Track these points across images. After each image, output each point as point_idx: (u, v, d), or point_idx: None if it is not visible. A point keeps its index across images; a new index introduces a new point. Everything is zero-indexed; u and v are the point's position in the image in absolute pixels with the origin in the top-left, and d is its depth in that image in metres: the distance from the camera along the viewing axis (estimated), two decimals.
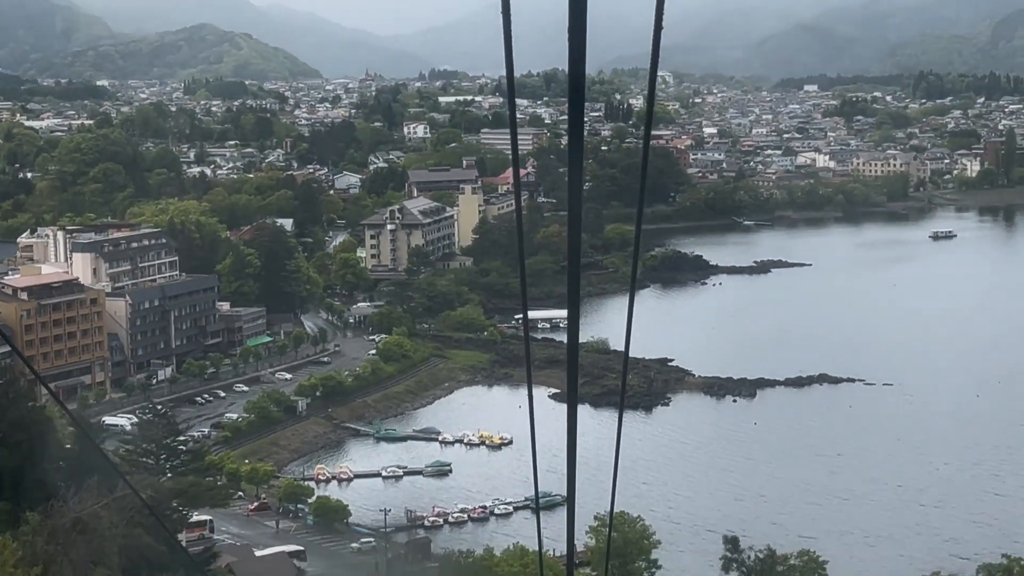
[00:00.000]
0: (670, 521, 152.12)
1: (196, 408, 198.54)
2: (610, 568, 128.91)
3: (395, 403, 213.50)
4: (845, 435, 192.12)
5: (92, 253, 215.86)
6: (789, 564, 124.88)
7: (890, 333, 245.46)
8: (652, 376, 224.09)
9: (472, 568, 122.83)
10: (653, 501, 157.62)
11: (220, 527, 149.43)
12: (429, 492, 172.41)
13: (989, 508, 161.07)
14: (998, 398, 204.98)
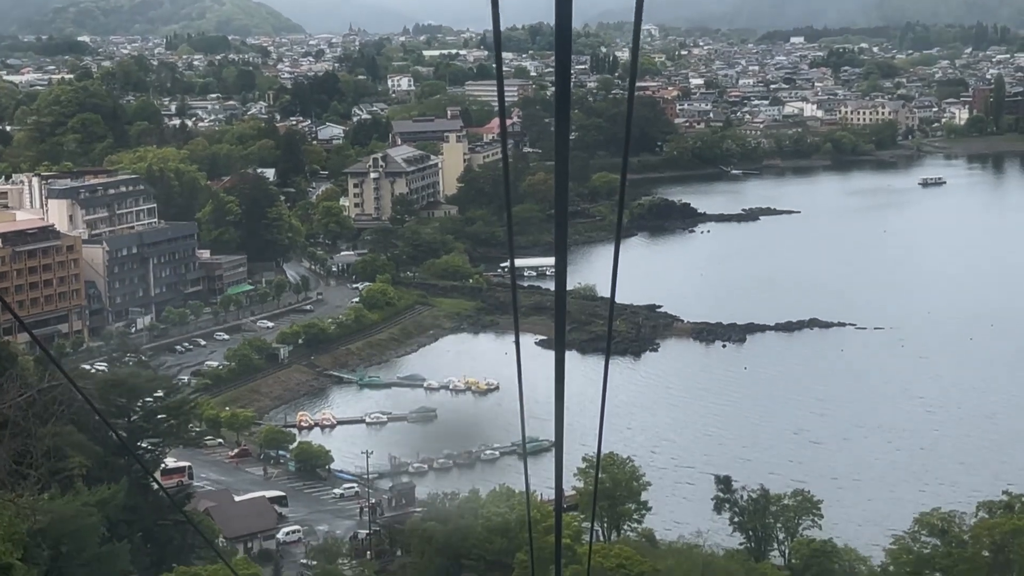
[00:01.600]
0: (660, 464, 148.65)
1: (176, 356, 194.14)
2: (600, 510, 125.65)
3: (379, 351, 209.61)
4: (836, 379, 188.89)
5: (68, 200, 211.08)
6: (783, 504, 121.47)
7: (881, 278, 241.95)
8: (640, 322, 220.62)
9: (457, 511, 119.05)
10: (642, 445, 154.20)
11: (200, 473, 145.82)
12: (414, 438, 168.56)
13: (982, 451, 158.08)
14: (991, 341, 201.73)
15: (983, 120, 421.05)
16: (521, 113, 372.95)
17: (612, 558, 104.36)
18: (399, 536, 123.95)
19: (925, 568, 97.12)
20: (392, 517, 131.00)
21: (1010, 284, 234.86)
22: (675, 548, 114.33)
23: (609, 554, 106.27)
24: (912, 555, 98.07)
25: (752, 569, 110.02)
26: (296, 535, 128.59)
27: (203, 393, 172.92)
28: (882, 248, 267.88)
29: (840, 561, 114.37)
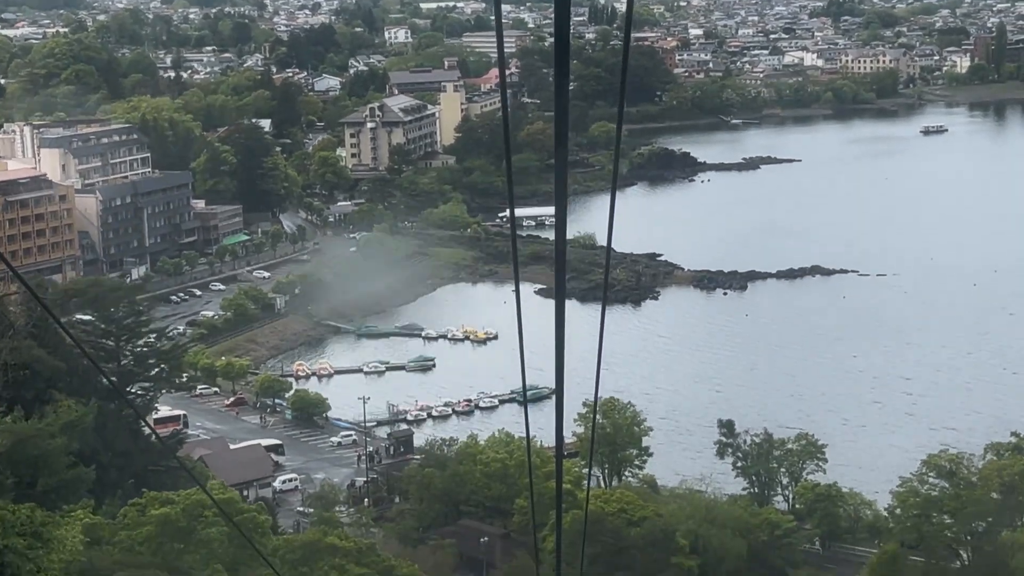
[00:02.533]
0: (660, 412, 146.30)
1: (171, 307, 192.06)
2: (601, 457, 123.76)
3: (376, 300, 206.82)
4: (839, 326, 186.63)
5: (60, 149, 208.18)
6: (786, 449, 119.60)
7: (883, 225, 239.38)
8: (640, 270, 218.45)
9: (456, 457, 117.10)
10: (643, 392, 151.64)
11: (195, 422, 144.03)
12: (412, 387, 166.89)
13: (987, 396, 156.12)
14: (995, 287, 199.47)
15: (984, 68, 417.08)
16: (519, 64, 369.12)
17: (613, 503, 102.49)
18: (397, 483, 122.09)
19: (933, 510, 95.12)
20: (390, 464, 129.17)
21: (1013, 231, 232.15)
22: (677, 493, 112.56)
23: (610, 499, 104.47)
24: (920, 497, 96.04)
25: (756, 514, 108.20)
26: (293, 483, 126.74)
27: (199, 343, 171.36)
28: (884, 196, 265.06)
29: (845, 505, 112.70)
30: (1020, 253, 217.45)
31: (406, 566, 75.90)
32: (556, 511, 17.03)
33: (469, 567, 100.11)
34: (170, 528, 71.65)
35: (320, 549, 74.06)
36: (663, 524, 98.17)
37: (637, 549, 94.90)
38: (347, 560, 73.25)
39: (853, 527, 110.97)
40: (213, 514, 70.55)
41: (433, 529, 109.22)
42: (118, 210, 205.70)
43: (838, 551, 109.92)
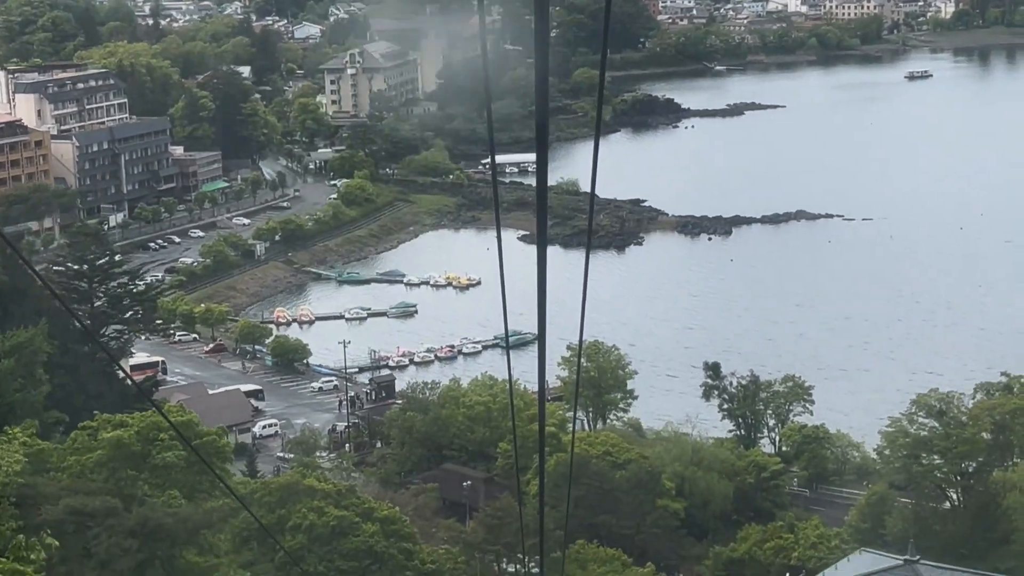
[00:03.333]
0: (645, 357, 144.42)
1: (150, 254, 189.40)
2: (585, 400, 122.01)
3: (358, 247, 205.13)
4: (824, 271, 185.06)
5: (36, 94, 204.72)
6: (773, 391, 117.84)
7: (868, 170, 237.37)
8: (624, 216, 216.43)
9: (438, 401, 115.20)
10: (628, 336, 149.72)
11: (174, 369, 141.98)
12: (394, 333, 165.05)
13: (972, 339, 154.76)
14: (982, 230, 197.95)
15: (969, 14, 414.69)
16: (502, 10, 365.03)
17: (598, 446, 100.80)
18: (379, 428, 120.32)
19: (922, 450, 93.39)
20: (371, 409, 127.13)
21: (998, 175, 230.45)
22: (663, 436, 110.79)
23: (595, 442, 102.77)
24: (909, 438, 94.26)
25: (742, 456, 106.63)
26: (273, 428, 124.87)
27: (177, 289, 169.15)
28: (869, 141, 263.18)
29: (832, 447, 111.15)
30: (1005, 197, 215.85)
31: (386, 508, 74.03)
32: (539, 452, 18.44)
33: (452, 511, 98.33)
34: (123, 452, 69.08)
35: (298, 491, 72.17)
36: (648, 467, 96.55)
37: (622, 492, 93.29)
38: (326, 503, 71.37)
39: (840, 469, 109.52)
40: (170, 437, 68.22)
41: (415, 474, 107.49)
42: (95, 156, 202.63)
43: (825, 493, 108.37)
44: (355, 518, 70.87)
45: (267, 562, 69.12)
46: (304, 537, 69.71)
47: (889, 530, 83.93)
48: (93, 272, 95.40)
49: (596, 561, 76.58)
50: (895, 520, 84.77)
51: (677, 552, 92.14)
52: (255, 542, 70.09)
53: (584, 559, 76.84)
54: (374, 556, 69.85)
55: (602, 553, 77.44)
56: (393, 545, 70.82)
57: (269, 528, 68.40)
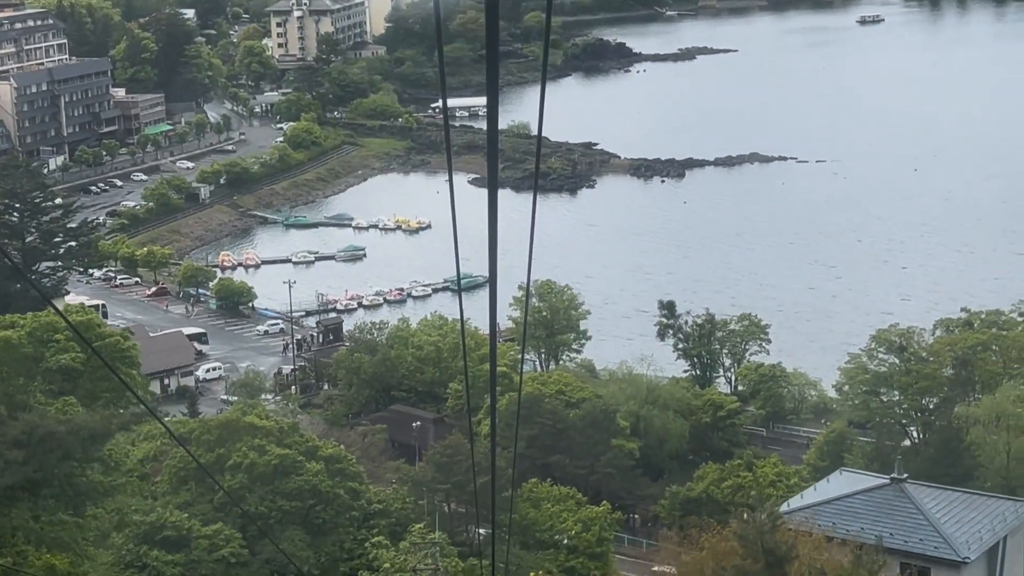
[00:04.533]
0: (598, 296, 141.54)
1: (91, 197, 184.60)
2: (537, 341, 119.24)
3: (305, 190, 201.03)
4: (777, 213, 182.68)
5: None
6: (729, 330, 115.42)
7: (822, 113, 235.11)
8: (576, 159, 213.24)
9: (386, 342, 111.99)
10: (580, 278, 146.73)
11: (115, 312, 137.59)
12: (342, 277, 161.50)
13: (920, 281, 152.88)
14: (935, 171, 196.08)
15: None
16: None
17: (551, 385, 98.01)
18: (325, 369, 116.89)
19: (882, 386, 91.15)
20: (318, 351, 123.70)
21: (949, 118, 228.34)
22: (617, 376, 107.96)
23: (548, 381, 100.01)
24: (868, 374, 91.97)
25: (698, 395, 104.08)
26: (217, 372, 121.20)
27: (119, 233, 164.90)
28: (822, 85, 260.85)
29: (789, 386, 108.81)
30: (957, 138, 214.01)
31: (331, 446, 70.84)
32: (491, 386, 15.69)
33: (401, 452, 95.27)
34: (12, 355, 64.84)
35: (238, 429, 68.82)
36: (603, 406, 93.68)
37: (576, 431, 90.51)
38: (267, 441, 68.08)
39: (798, 408, 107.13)
40: (67, 338, 63.84)
41: (363, 415, 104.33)
42: (34, 98, 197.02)
43: (782, 432, 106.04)
44: (298, 457, 67.70)
45: (206, 503, 65.89)
46: (244, 476, 66.50)
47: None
48: (24, 207, 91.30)
49: (550, 500, 73.81)
50: (855, 458, 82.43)
51: (633, 492, 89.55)
52: (192, 482, 66.84)
53: (537, 498, 74.06)
54: (318, 495, 66.75)
55: (556, 492, 74.68)
56: (338, 484, 67.70)
57: (207, 467, 65.10)
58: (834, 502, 37.58)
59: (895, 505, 39.10)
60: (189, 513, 64.04)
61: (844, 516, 37.57)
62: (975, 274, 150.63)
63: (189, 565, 61.55)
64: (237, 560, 62.89)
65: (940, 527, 37.85)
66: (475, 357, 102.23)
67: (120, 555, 61.36)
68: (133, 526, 61.98)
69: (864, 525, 35.97)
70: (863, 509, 39.43)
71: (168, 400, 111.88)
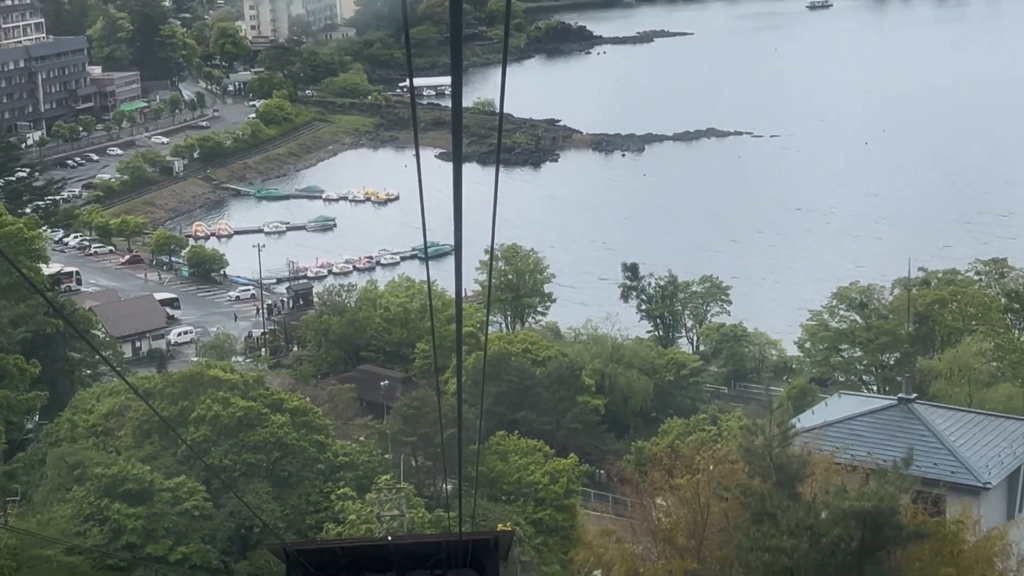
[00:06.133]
0: (561, 263, 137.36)
1: (67, 171, 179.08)
2: (503, 304, 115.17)
3: (277, 164, 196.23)
4: (734, 185, 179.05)
5: None
6: (691, 291, 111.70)
7: (775, 92, 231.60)
8: (540, 135, 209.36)
9: (355, 305, 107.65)
10: (545, 247, 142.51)
11: (88, 279, 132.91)
12: (313, 246, 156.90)
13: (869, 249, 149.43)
14: (885, 145, 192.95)
15: None
16: None
17: (517, 343, 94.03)
18: (295, 332, 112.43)
19: (843, 342, 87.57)
20: (288, 315, 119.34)
21: (896, 95, 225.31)
22: (582, 336, 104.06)
23: (514, 339, 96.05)
24: (830, 331, 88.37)
25: (662, 354, 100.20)
26: (188, 336, 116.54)
27: (95, 204, 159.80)
28: (775, 66, 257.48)
29: (750, 345, 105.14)
30: (904, 115, 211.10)
31: (296, 399, 66.60)
32: (456, 333, 14.14)
33: (370, 411, 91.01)
34: None
35: (202, 382, 64.43)
36: (569, 364, 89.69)
37: (542, 388, 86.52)
38: (232, 393, 63.70)
39: (759, 367, 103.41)
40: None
41: (332, 375, 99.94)
42: (11, 74, 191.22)
43: (744, 390, 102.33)
44: (263, 409, 63.39)
45: (169, 456, 61.50)
46: (209, 429, 62.13)
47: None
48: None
49: (517, 452, 69.75)
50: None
51: (598, 447, 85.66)
52: (156, 435, 62.43)
53: (505, 451, 70.00)
54: (283, 448, 62.49)
55: (523, 444, 70.62)
56: (304, 437, 63.44)
57: (170, 420, 60.72)
58: (837, 424, 33.14)
59: (905, 427, 34.84)
60: (152, 466, 59.66)
61: (849, 439, 33.07)
62: (926, 241, 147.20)
63: (151, 518, 57.21)
64: (201, 513, 58.61)
65: (956, 450, 33.32)
66: (442, 317, 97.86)
67: (80, 508, 56.92)
68: (94, 479, 57.59)
69: (872, 449, 31.41)
70: (870, 432, 35.11)
71: (139, 362, 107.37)
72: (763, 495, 23.51)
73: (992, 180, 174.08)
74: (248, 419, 62.39)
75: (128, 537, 56.54)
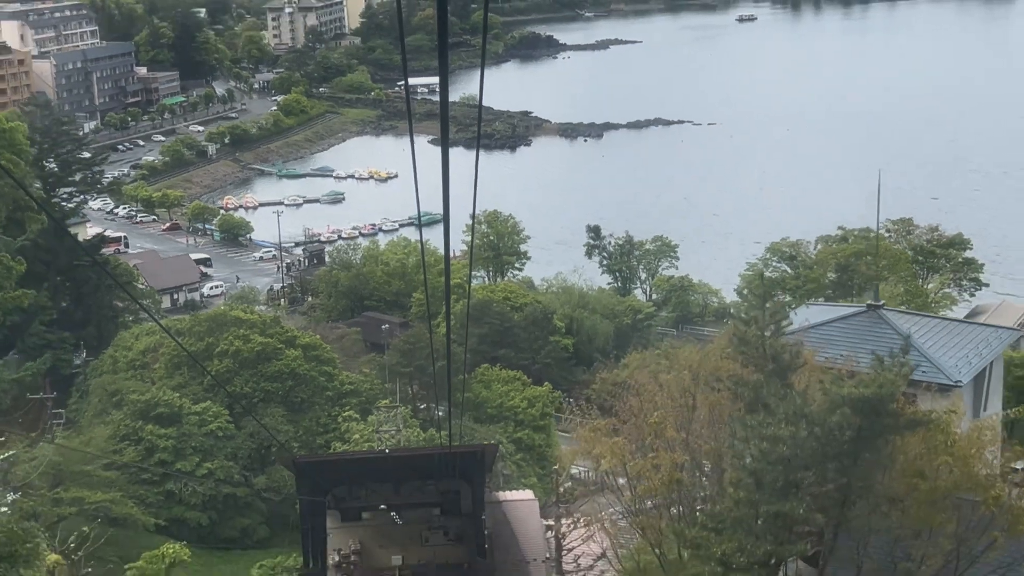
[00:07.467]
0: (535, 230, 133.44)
1: (118, 154, 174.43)
2: (485, 261, 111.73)
3: (295, 149, 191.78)
4: (677, 164, 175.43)
5: (18, 21, 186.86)
6: (645, 249, 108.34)
7: (711, 88, 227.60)
8: (515, 123, 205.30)
9: (360, 262, 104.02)
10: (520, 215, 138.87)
11: (135, 243, 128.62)
12: (325, 216, 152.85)
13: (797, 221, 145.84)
14: (801, 133, 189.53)
15: None
16: None
17: (499, 292, 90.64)
18: (309, 285, 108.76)
19: (776, 289, 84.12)
20: (304, 271, 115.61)
21: (809, 90, 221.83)
22: (552, 288, 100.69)
23: (496, 289, 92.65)
24: (764, 280, 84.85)
25: (620, 302, 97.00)
26: (219, 289, 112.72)
27: (141, 181, 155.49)
28: (710, 68, 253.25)
29: (695, 293, 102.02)
30: (816, 107, 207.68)
31: (308, 336, 63.09)
32: (444, 268, 13.89)
33: (372, 350, 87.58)
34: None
35: (226, 322, 60.88)
36: (542, 309, 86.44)
37: (520, 329, 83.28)
38: (252, 331, 60.13)
39: (703, 312, 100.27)
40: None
41: (340, 321, 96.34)
42: (71, 74, 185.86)
43: (690, 332, 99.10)
44: (278, 344, 59.89)
45: (196, 385, 57.93)
46: (231, 361, 58.60)
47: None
48: (43, 139, 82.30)
49: (499, 381, 66.43)
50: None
51: (568, 379, 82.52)
52: (185, 367, 58.83)
53: (488, 380, 66.68)
54: (296, 378, 59.05)
55: (504, 374, 67.32)
56: (314, 368, 59.95)
57: (196, 355, 57.11)
58: (810, 330, 29.77)
59: (875, 331, 31.55)
60: (181, 394, 56.14)
61: (822, 344, 29.65)
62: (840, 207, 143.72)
63: (181, 438, 53.81)
64: (224, 434, 55.27)
65: (926, 351, 30.01)
66: (433, 271, 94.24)
67: (117, 429, 53.34)
68: (130, 404, 54.00)
69: (845, 352, 27.99)
70: (841, 336, 31.83)
71: (177, 311, 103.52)
72: (757, 384, 20.18)
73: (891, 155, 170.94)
74: (265, 353, 58.98)
75: (160, 455, 53.19)
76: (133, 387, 56.11)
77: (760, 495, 17.70)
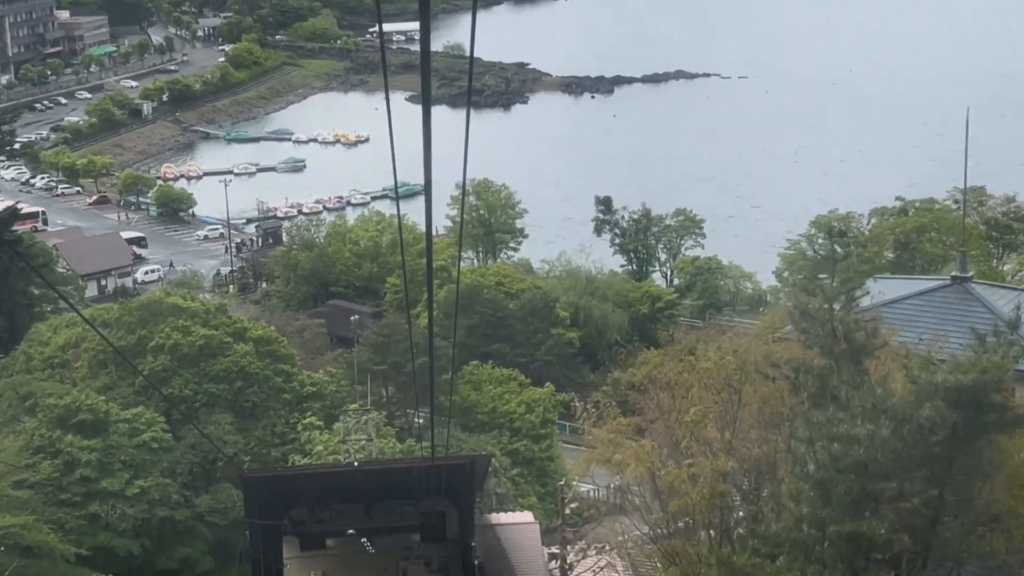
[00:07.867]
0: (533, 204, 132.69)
1: (36, 114, 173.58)
2: (475, 240, 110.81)
3: (246, 107, 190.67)
4: (702, 125, 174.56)
5: None
6: (664, 225, 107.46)
7: (742, 38, 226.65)
8: (510, 77, 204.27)
9: (324, 240, 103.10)
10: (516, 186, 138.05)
11: (55, 220, 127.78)
12: (283, 187, 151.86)
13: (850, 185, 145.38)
14: (852, 85, 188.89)
15: None
16: None
17: (490, 276, 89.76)
18: (264, 269, 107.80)
19: (822, 271, 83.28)
20: (257, 253, 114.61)
21: (864, 39, 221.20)
22: (555, 272, 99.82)
23: (487, 272, 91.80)
24: (807, 260, 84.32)
25: (636, 287, 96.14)
26: (155, 274, 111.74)
27: (63, 145, 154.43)
28: (740, 11, 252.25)
29: (725, 278, 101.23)
30: (871, 56, 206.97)
31: (260, 328, 62.13)
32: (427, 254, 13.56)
33: (339, 345, 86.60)
34: None
35: (161, 310, 59.85)
36: (543, 296, 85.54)
37: (516, 319, 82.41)
38: (193, 321, 59.16)
39: (734, 300, 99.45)
40: None
41: (302, 310, 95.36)
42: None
43: (719, 323, 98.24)
44: (225, 338, 58.91)
45: (126, 386, 56.97)
46: (167, 358, 57.59)
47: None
48: None
49: (491, 381, 65.56)
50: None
51: (574, 380, 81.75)
52: (112, 366, 57.87)
53: (478, 380, 65.80)
54: (247, 378, 58.07)
55: (497, 373, 66.45)
56: (268, 366, 58.98)
57: (125, 351, 56.11)
58: (881, 308, 28.43)
59: (961, 309, 30.15)
60: (108, 397, 55.15)
61: (900, 324, 28.08)
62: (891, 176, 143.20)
63: (107, 451, 52.79)
64: (160, 445, 54.30)
65: None
66: (413, 252, 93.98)
67: (31, 440, 52.39)
68: (46, 410, 53.03)
69: (926, 334, 26.61)
70: (921, 315, 30.38)
71: (105, 300, 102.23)
72: (824, 371, 19.08)
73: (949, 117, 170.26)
74: (209, 348, 58.02)
75: (82, 470, 52.16)
76: (50, 389, 55.16)
77: (828, 511, 16.70)
